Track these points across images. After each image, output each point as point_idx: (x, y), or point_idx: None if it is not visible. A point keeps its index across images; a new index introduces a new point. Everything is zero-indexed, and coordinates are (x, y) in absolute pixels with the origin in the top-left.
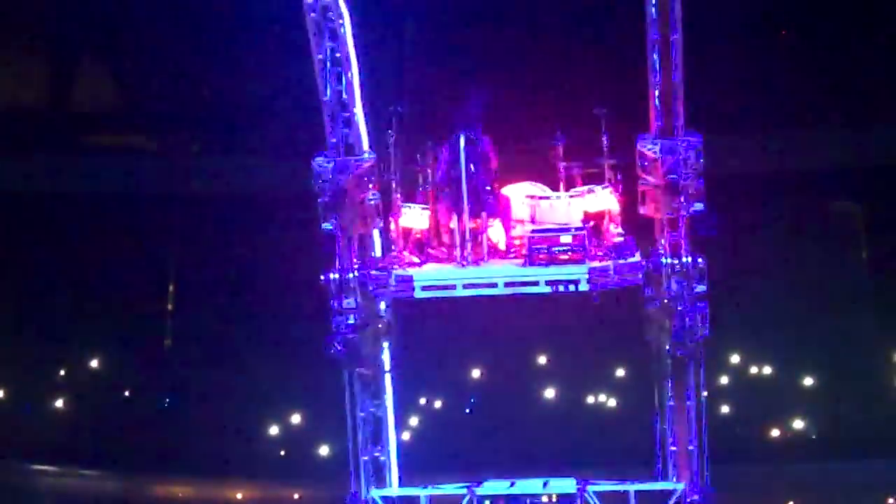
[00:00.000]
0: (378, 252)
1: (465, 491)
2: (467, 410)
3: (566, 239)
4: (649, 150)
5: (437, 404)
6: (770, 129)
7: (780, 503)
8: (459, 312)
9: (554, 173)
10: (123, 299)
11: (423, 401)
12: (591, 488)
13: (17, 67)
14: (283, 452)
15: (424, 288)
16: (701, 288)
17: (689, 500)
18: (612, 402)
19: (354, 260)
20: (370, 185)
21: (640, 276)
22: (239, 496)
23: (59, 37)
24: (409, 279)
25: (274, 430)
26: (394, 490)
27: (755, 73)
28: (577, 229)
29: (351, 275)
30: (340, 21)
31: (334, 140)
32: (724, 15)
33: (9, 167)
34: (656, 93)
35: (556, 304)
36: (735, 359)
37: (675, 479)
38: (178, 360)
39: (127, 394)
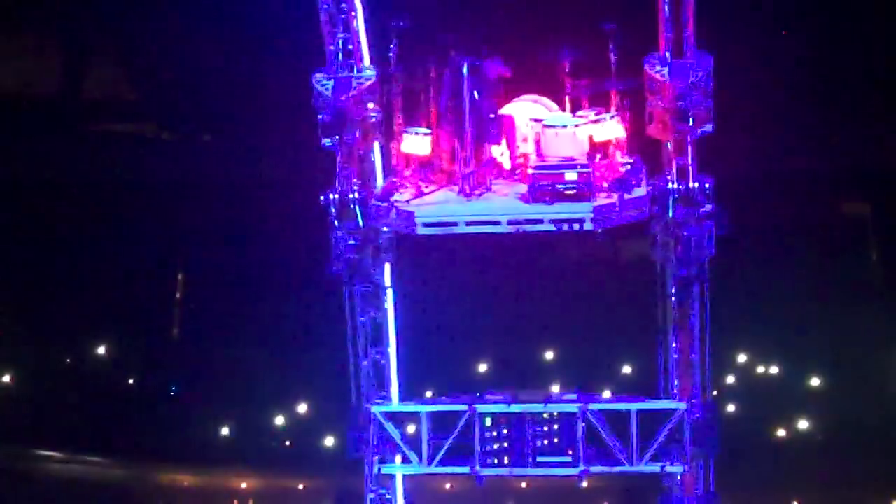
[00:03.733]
0: (379, 173)
1: (465, 408)
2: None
3: (571, 176)
4: (658, 72)
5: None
6: (781, 130)
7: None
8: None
9: (560, 89)
10: (131, 288)
11: None
12: (592, 406)
13: (26, 58)
14: (288, 443)
15: (426, 224)
16: (707, 207)
17: (691, 418)
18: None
19: (355, 180)
20: (371, 104)
21: (646, 210)
22: (244, 486)
23: (68, 28)
24: (411, 215)
25: (280, 421)
26: (394, 405)
27: (772, 77)
28: (582, 166)
29: (352, 195)
30: None
31: (333, 50)
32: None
33: (15, 155)
34: (666, 12)
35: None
36: (742, 358)
37: (677, 399)
38: (185, 348)
39: (131, 381)
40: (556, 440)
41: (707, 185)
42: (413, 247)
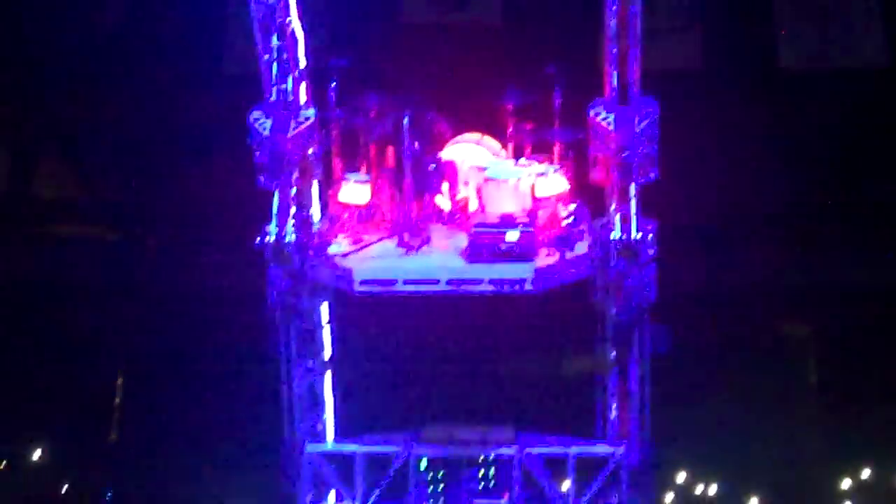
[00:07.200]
0: (317, 217)
1: (399, 449)
2: None
3: (512, 236)
4: (603, 119)
5: None
6: (720, 247)
7: None
8: None
9: (503, 130)
10: (69, 390)
11: None
12: (530, 450)
13: None
14: None
15: (364, 282)
16: (651, 251)
17: (628, 462)
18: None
19: (291, 220)
20: (310, 144)
21: (587, 267)
22: None
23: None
24: (349, 272)
25: None
26: (329, 445)
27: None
28: (524, 226)
29: (288, 238)
30: None
31: (270, 87)
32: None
33: None
34: (613, 56)
35: None
36: (681, 477)
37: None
38: (122, 454)
39: (66, 487)
40: (492, 483)
41: (650, 235)
42: None
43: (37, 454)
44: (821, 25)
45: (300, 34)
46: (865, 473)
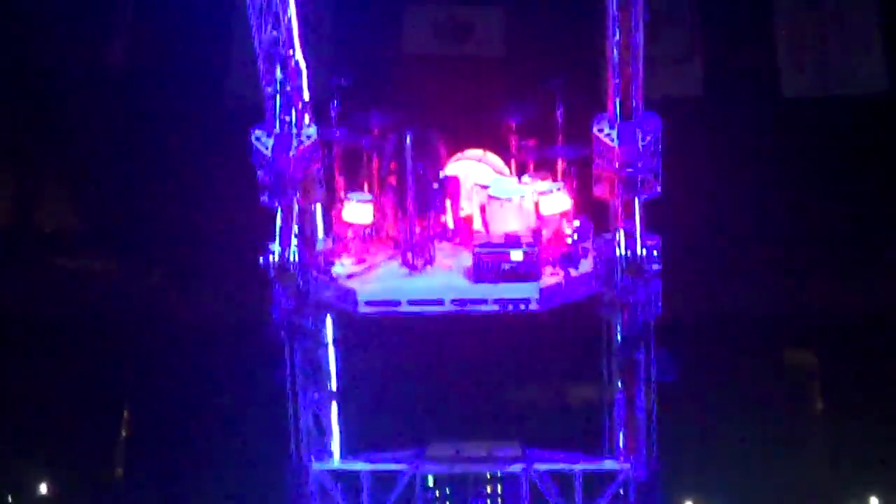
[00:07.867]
0: (320, 236)
1: (406, 467)
2: None
3: (516, 256)
4: (606, 135)
5: None
6: (724, 274)
7: None
8: None
9: (505, 147)
10: (75, 424)
11: None
12: (537, 466)
13: None
14: None
15: (368, 303)
16: (655, 266)
17: (635, 478)
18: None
19: (294, 239)
20: (313, 163)
21: (593, 285)
22: None
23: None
24: (353, 293)
25: None
26: (335, 463)
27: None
28: (528, 245)
29: (292, 258)
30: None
31: (272, 106)
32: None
33: None
34: (616, 85)
35: None
36: None
37: (622, 459)
38: (128, 489)
39: None
40: (499, 500)
41: (655, 251)
42: None
43: (42, 489)
44: (821, 53)
45: (303, 66)
46: (873, 502)
